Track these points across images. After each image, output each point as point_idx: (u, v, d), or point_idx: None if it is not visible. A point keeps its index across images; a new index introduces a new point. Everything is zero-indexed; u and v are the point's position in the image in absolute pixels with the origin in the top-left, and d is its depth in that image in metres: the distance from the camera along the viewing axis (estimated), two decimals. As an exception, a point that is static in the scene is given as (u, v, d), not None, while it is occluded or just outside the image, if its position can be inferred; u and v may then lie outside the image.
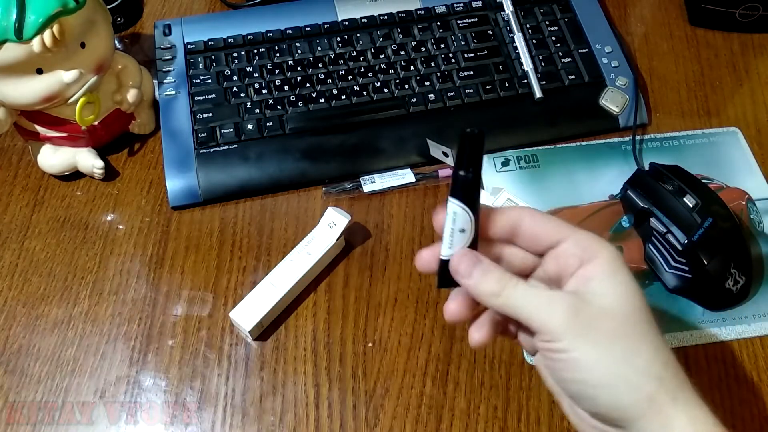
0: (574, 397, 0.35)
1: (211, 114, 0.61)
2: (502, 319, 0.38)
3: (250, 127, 0.60)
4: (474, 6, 0.68)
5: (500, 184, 0.59)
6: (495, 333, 0.38)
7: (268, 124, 0.60)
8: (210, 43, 0.65)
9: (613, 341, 0.33)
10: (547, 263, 0.36)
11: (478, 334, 0.38)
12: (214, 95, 0.62)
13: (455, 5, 0.68)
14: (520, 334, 0.38)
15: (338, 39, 0.65)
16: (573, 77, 0.63)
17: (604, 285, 0.34)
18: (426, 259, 0.37)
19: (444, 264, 0.36)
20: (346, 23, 0.66)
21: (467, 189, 0.35)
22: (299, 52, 0.64)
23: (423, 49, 0.65)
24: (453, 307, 0.37)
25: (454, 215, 0.35)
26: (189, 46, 0.65)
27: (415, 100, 0.62)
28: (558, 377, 0.35)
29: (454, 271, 0.36)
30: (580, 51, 0.65)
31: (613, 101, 0.62)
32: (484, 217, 0.36)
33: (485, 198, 0.58)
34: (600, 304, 0.33)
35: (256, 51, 0.64)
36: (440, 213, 0.36)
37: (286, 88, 0.62)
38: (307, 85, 0.63)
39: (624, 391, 0.33)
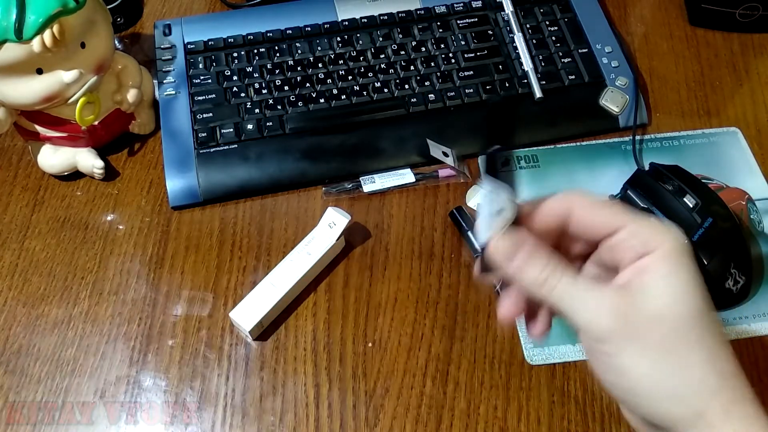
0: (619, 400, 0.33)
1: (211, 114, 0.61)
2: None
3: (250, 127, 0.60)
4: (474, 6, 0.68)
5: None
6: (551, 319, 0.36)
7: (268, 124, 0.60)
8: (210, 43, 0.65)
9: (663, 351, 0.30)
10: (602, 253, 0.33)
11: (539, 328, 0.35)
12: (214, 95, 0.62)
13: (455, 5, 0.68)
14: None
15: (338, 39, 0.65)
16: (573, 77, 0.63)
17: (659, 283, 0.30)
18: (507, 311, 0.34)
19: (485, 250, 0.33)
20: (346, 23, 0.66)
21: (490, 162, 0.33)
22: (299, 52, 0.64)
23: (423, 49, 0.65)
24: (508, 305, 0.34)
25: (487, 194, 0.33)
26: (189, 46, 0.65)
27: (415, 100, 0.62)
28: (603, 378, 0.32)
29: (491, 258, 0.32)
30: (580, 51, 0.65)
31: (613, 101, 0.62)
32: (529, 212, 0.34)
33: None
34: (651, 307, 0.30)
35: (256, 51, 0.64)
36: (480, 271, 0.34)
37: (286, 88, 0.62)
38: (307, 85, 0.63)
39: (672, 405, 0.30)
